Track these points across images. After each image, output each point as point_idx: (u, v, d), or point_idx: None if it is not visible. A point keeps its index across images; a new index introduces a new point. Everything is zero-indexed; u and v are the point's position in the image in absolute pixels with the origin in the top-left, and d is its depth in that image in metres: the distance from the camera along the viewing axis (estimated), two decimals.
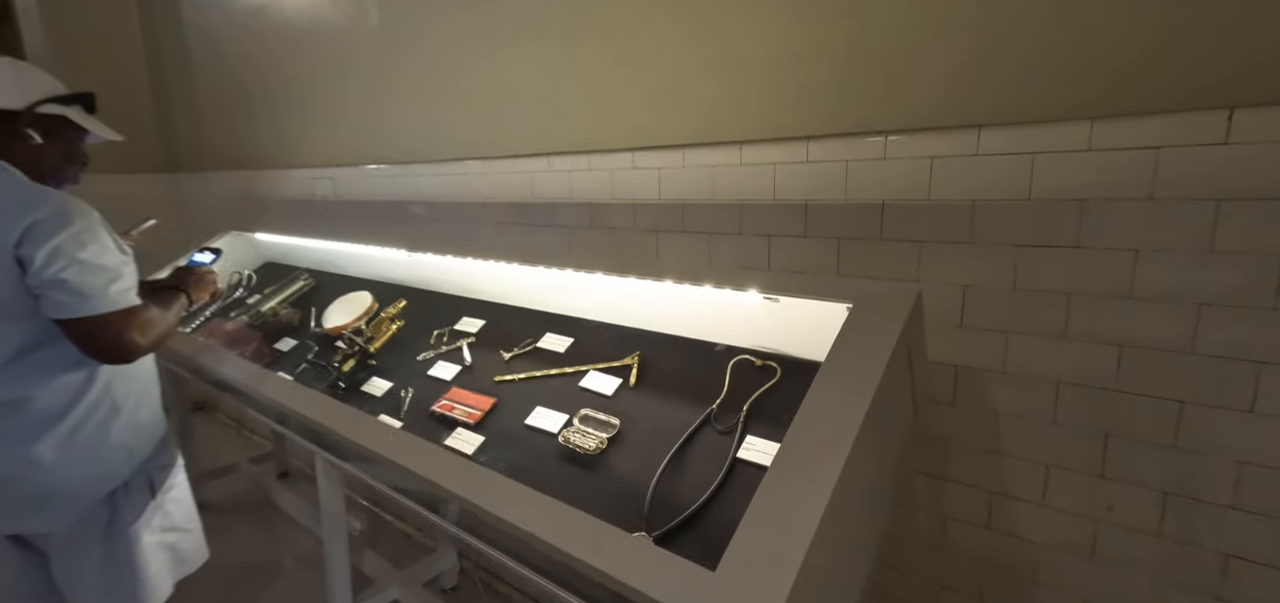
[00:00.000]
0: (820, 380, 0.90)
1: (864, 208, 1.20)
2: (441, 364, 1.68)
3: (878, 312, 0.98)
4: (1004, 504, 1.18)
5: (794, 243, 1.28)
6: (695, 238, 1.45)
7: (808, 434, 0.84)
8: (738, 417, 1.16)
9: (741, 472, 1.07)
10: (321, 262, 2.58)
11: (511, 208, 1.85)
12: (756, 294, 1.18)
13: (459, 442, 1.38)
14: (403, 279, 2.21)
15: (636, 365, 1.39)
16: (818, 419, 0.86)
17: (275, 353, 2.10)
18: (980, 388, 1.16)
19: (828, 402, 0.87)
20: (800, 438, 0.85)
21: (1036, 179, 1.06)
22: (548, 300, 1.75)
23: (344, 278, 2.44)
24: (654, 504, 1.06)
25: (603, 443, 1.22)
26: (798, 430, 0.86)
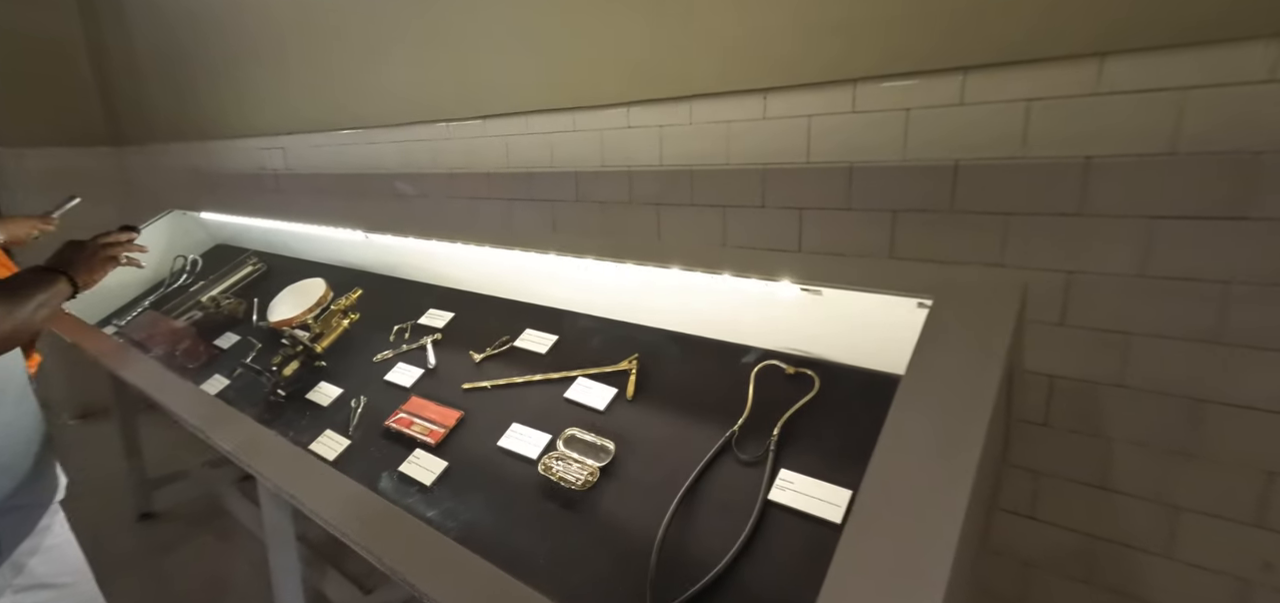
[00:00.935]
0: (905, 401, 0.64)
1: (929, 170, 0.92)
2: (401, 367, 1.41)
3: (970, 309, 0.71)
4: (1113, 555, 0.93)
5: (834, 218, 1.01)
6: (706, 213, 1.17)
7: (901, 478, 0.58)
8: (767, 442, 0.90)
9: (776, 519, 0.81)
10: (275, 244, 2.28)
11: (484, 179, 1.56)
12: (790, 285, 0.92)
13: (417, 467, 1.11)
14: (362, 264, 1.91)
15: (635, 372, 1.12)
16: (912, 457, 0.59)
17: (214, 351, 1.81)
18: (1086, 405, 0.90)
19: (924, 432, 0.60)
20: (890, 483, 0.58)
21: (1186, 122, 0.77)
22: (527, 289, 1.47)
23: (298, 262, 2.15)
24: (661, 565, 0.80)
25: (593, 475, 0.96)
26: (884, 472, 0.59)
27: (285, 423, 1.37)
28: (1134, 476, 0.89)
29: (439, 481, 1.07)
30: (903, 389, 0.65)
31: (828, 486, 0.81)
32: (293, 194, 2.26)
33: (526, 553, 0.88)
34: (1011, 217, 0.88)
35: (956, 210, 0.89)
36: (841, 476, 0.81)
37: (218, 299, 2.01)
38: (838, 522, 0.76)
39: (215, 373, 1.68)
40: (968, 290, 0.73)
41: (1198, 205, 0.80)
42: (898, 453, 0.60)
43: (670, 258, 1.10)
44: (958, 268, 0.78)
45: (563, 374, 1.19)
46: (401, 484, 1.09)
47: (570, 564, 0.84)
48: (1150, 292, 0.84)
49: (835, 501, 0.79)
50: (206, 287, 2.12)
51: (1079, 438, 0.92)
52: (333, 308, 1.60)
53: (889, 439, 0.63)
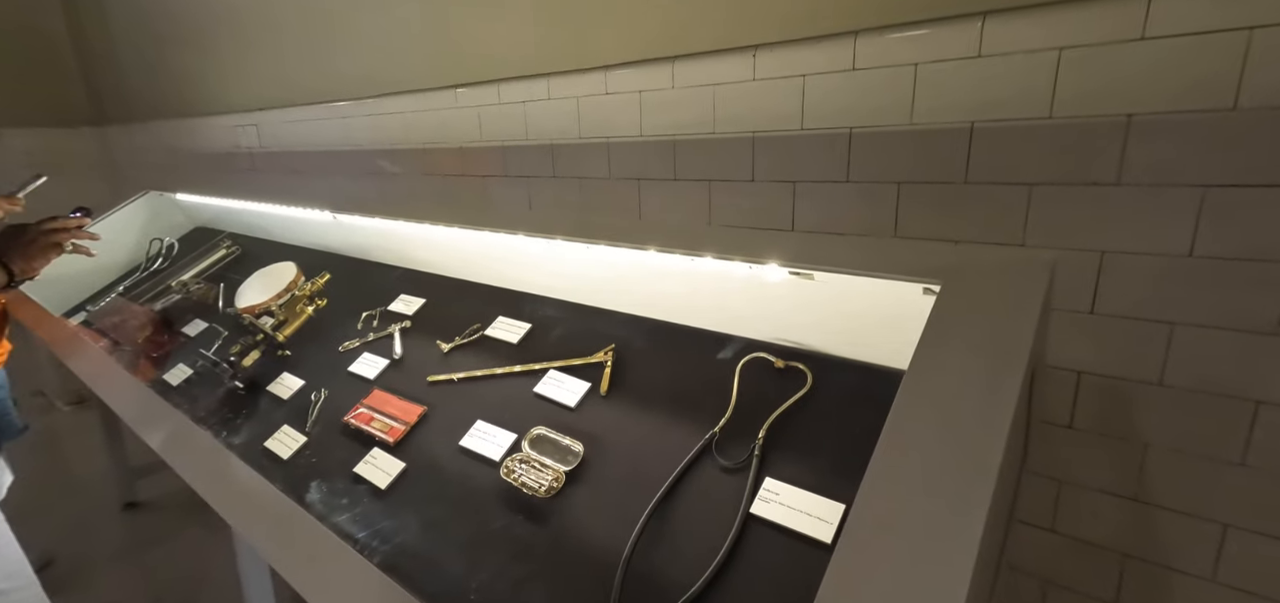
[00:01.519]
0: (908, 402, 0.53)
1: (940, 135, 0.80)
2: (367, 357, 1.31)
3: (987, 294, 0.60)
4: (1145, 575, 0.82)
5: (831, 192, 0.89)
6: (690, 188, 1.06)
7: (904, 493, 0.48)
8: (752, 445, 0.79)
9: (758, 536, 0.70)
10: (253, 226, 2.18)
11: (457, 155, 1.45)
12: (778, 267, 0.80)
13: (373, 468, 1.02)
14: (336, 246, 1.82)
15: (610, 365, 1.02)
16: (917, 468, 0.49)
17: (179, 339, 1.72)
18: (1118, 406, 0.78)
19: (932, 439, 0.50)
20: (891, 498, 0.48)
21: (1252, 70, 0.63)
22: (502, 273, 1.36)
23: (273, 245, 2.05)
24: (627, 586, 0.70)
25: (558, 480, 0.86)
26: (882, 485, 0.49)
27: (243, 418, 1.28)
28: (1173, 487, 0.78)
29: (395, 484, 0.98)
30: (906, 387, 0.55)
31: (818, 498, 0.71)
32: (267, 173, 2.15)
33: (471, 575, 0.78)
34: (1036, 188, 0.76)
35: (972, 182, 0.77)
36: (834, 487, 0.71)
37: (187, 284, 1.92)
38: (828, 541, 0.66)
39: (180, 362, 1.59)
40: (984, 273, 0.62)
41: (1263, 171, 0.67)
42: (899, 463, 0.49)
43: (649, 239, 0.99)
44: (972, 248, 0.67)
45: (533, 366, 1.09)
46: (354, 486, 1.00)
47: (520, 587, 0.74)
48: (1200, 275, 0.72)
49: (826, 516, 0.68)
50: (177, 271, 2.03)
51: (1109, 442, 0.81)
52: (297, 294, 1.50)
53: (889, 446, 0.52)
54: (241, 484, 0.94)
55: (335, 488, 1.00)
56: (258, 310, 1.51)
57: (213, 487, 0.92)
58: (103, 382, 1.39)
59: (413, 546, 0.84)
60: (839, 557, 0.46)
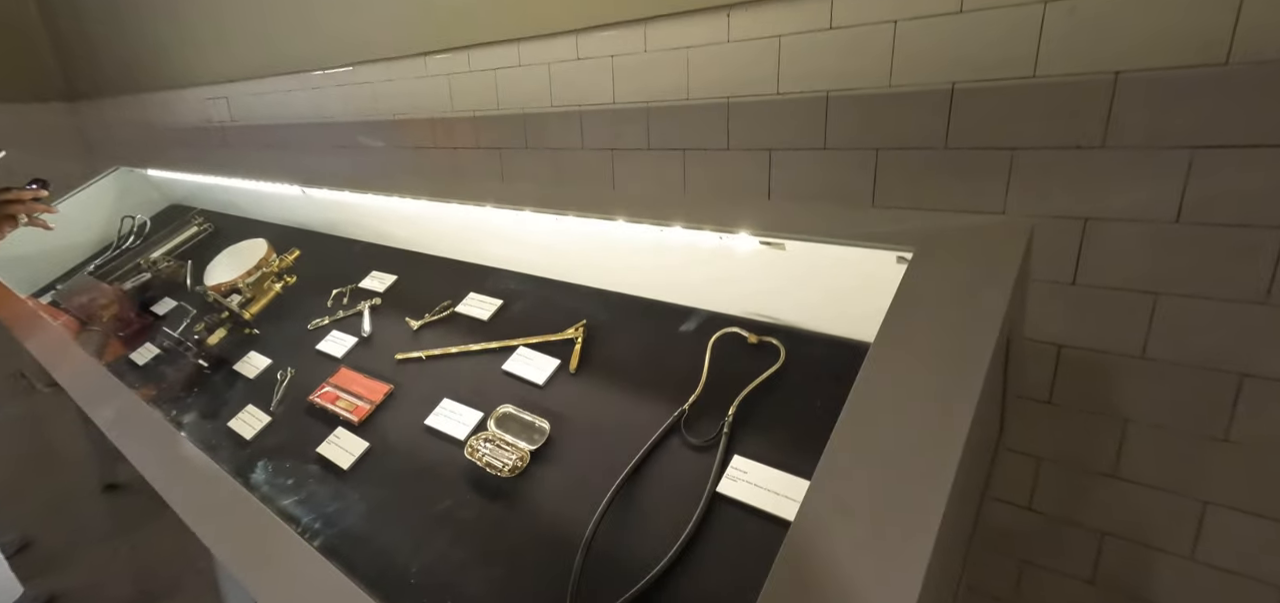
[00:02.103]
0: (873, 374, 0.50)
1: (920, 97, 0.76)
2: (335, 335, 1.27)
3: (959, 261, 0.56)
4: (1123, 553, 0.80)
5: (808, 159, 0.85)
6: (664, 157, 1.02)
7: (865, 467, 0.45)
8: (721, 423, 0.76)
9: (724, 515, 0.68)
10: (225, 202, 2.12)
11: (427, 126, 1.40)
12: (749, 237, 0.77)
13: (336, 448, 0.99)
14: (308, 222, 1.76)
15: (581, 341, 0.99)
16: (880, 442, 0.46)
17: (148, 319, 1.68)
18: (1099, 380, 0.76)
19: (897, 412, 0.47)
20: (850, 473, 0.45)
21: (1247, 23, 0.59)
22: (474, 248, 1.32)
23: (245, 221, 2.00)
24: (588, 569, 0.68)
25: (523, 459, 0.83)
26: (839, 459, 0.46)
27: (207, 397, 1.25)
28: (1153, 463, 0.75)
29: (357, 464, 0.95)
30: (871, 360, 0.51)
31: (785, 476, 0.68)
32: (238, 147, 2.09)
33: (416, 557, 0.75)
34: (1018, 152, 0.72)
35: (952, 147, 0.73)
36: (801, 464, 0.68)
37: (157, 263, 1.87)
38: (790, 519, 0.63)
39: (148, 342, 1.55)
40: (958, 240, 0.59)
41: (1255, 130, 0.64)
42: (860, 438, 0.46)
43: (619, 209, 0.94)
44: (949, 216, 0.64)
45: (502, 343, 1.05)
46: (314, 467, 0.96)
47: (476, 567, 0.72)
48: (1186, 242, 0.69)
49: (790, 494, 0.65)
50: (148, 249, 1.98)
51: (1089, 418, 0.79)
52: (265, 271, 1.45)
53: (850, 421, 0.49)
54: (187, 465, 0.90)
55: (293, 470, 0.97)
56: (225, 288, 1.46)
57: (156, 467, 0.89)
58: (59, 362, 1.35)
59: (360, 530, 0.81)
60: (794, 536, 0.43)
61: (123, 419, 1.07)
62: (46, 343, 1.45)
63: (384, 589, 0.68)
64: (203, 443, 1.07)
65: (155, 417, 1.09)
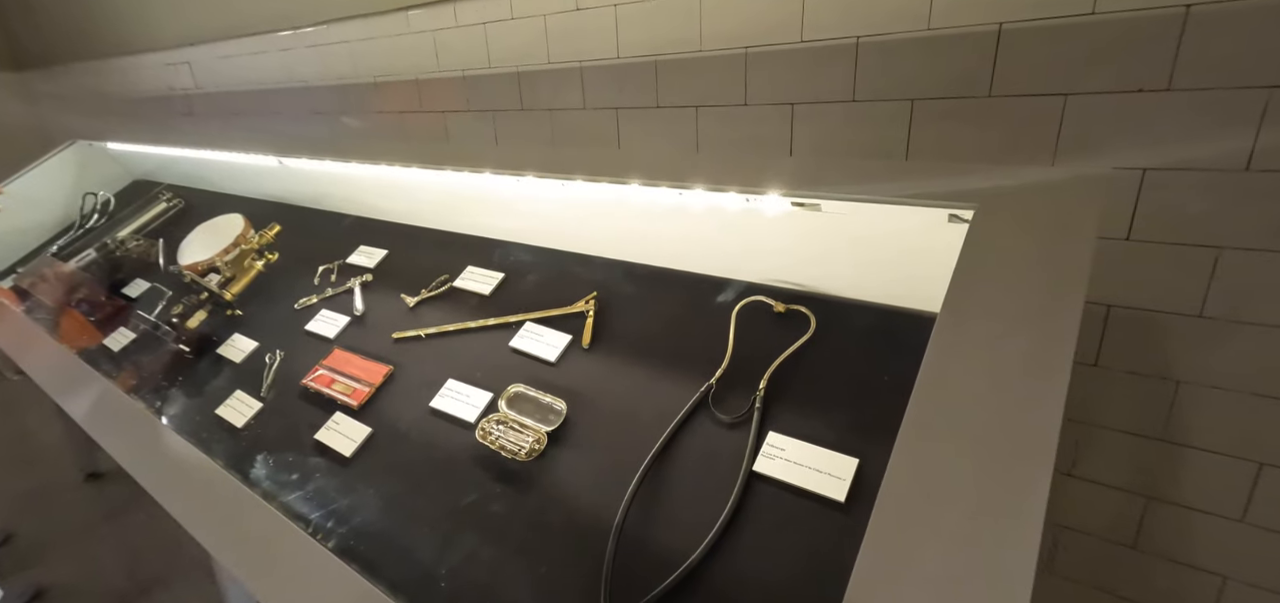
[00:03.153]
0: (944, 345, 0.45)
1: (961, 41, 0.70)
2: (325, 314, 1.20)
3: (1030, 220, 0.52)
4: (1171, 518, 0.78)
5: (836, 114, 0.79)
6: (674, 116, 0.95)
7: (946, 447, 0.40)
8: (752, 398, 0.72)
9: (763, 495, 0.64)
10: (195, 176, 2.00)
11: (412, 88, 1.31)
12: (773, 199, 0.71)
13: (335, 434, 0.93)
14: (286, 195, 1.67)
15: (592, 314, 0.93)
16: (959, 419, 0.41)
17: (119, 302, 1.58)
18: (1151, 342, 0.73)
19: (972, 387, 0.42)
20: (931, 455, 0.40)
21: None
22: (470, 218, 1.25)
23: (218, 196, 1.88)
24: (621, 558, 0.64)
25: (540, 442, 0.78)
26: (920, 438, 0.41)
27: (191, 384, 1.18)
28: (1206, 426, 0.73)
29: (360, 451, 0.89)
30: (942, 329, 0.47)
31: (827, 453, 0.64)
32: (206, 117, 1.96)
33: (443, 557, 0.71)
34: (1072, 99, 0.67)
35: (997, 95, 0.68)
36: (845, 440, 0.64)
37: (125, 241, 1.76)
38: (841, 500, 0.60)
39: (121, 326, 1.46)
40: (1025, 196, 0.54)
41: None
42: (943, 413, 0.42)
43: (632, 171, 0.88)
44: (1007, 170, 0.59)
45: (508, 319, 1.00)
46: (315, 456, 0.91)
47: (502, 559, 0.68)
48: (1256, 191, 0.65)
49: (838, 472, 0.62)
50: (114, 228, 1.86)
51: (1139, 382, 0.76)
52: (244, 248, 1.36)
53: (926, 398, 0.44)
54: (178, 460, 0.84)
55: (292, 460, 0.91)
56: (202, 268, 1.37)
57: (146, 466, 0.83)
58: (25, 351, 1.26)
59: (375, 525, 0.76)
60: (877, 527, 0.39)
61: (103, 413, 1.00)
62: (11, 331, 1.36)
63: (409, 593, 0.64)
64: (191, 434, 1.01)
65: (138, 408, 1.02)
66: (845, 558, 0.56)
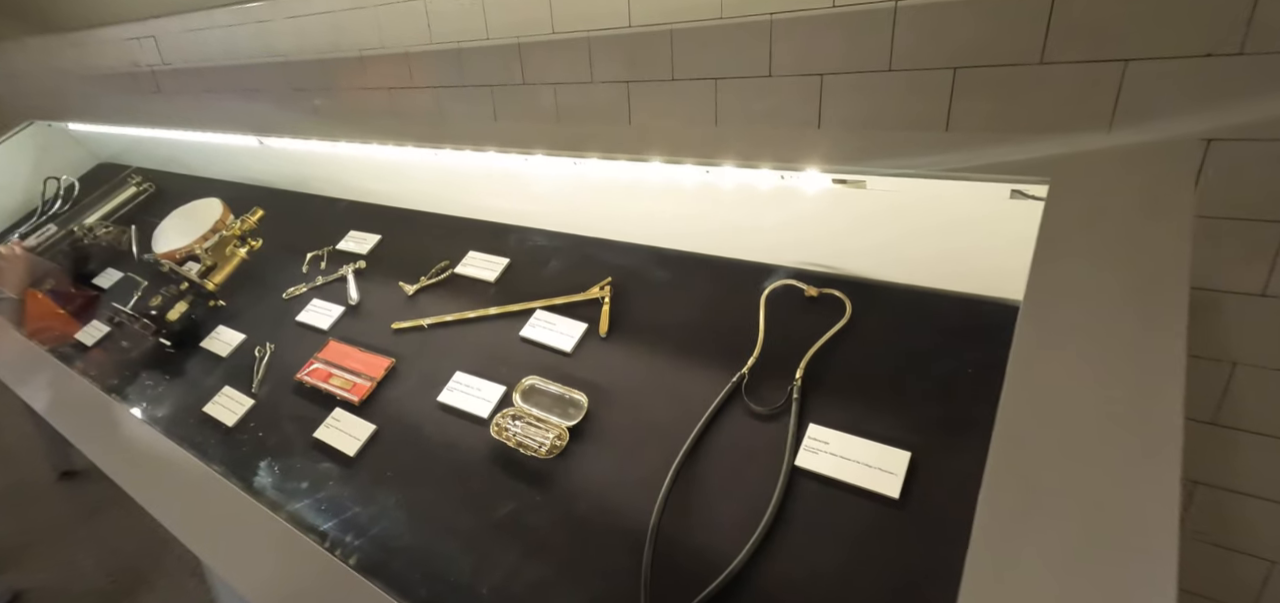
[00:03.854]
0: (1034, 335, 0.42)
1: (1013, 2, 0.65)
2: (317, 304, 1.14)
3: (1116, 194, 0.48)
4: (1218, 502, 0.76)
5: (870, 85, 0.75)
6: (692, 89, 0.90)
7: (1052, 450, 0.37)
8: (789, 387, 0.69)
9: (808, 492, 0.61)
10: (163, 158, 1.89)
11: (402, 62, 1.23)
12: (818, 175, 0.67)
13: (336, 432, 0.88)
14: (267, 178, 1.58)
15: (609, 301, 0.89)
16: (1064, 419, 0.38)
17: (89, 293, 1.49)
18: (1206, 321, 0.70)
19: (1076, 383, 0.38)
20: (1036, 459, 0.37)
21: None
22: (469, 202, 1.19)
23: (191, 179, 1.78)
24: (659, 561, 0.60)
25: (561, 437, 0.74)
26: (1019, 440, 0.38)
27: (174, 380, 1.11)
28: (1263, 409, 0.71)
29: (364, 449, 0.84)
30: (1028, 317, 0.43)
31: (875, 445, 0.61)
32: (175, 95, 1.84)
33: (467, 553, 0.67)
34: (1133, 64, 0.63)
35: (1050, 61, 0.64)
36: (891, 433, 0.61)
37: (93, 228, 1.65)
38: (896, 496, 0.57)
39: (93, 319, 1.37)
40: (1099, 168, 0.50)
41: None
42: (1044, 413, 0.38)
43: (646, 148, 0.83)
44: (1061, 138, 0.55)
45: (517, 307, 0.95)
46: (316, 457, 0.86)
47: (530, 563, 0.63)
48: None
49: (889, 467, 0.59)
50: (80, 215, 1.75)
51: (1192, 364, 0.74)
52: (225, 234, 1.28)
53: (1021, 396, 0.41)
54: (170, 467, 0.78)
55: (294, 464, 0.85)
56: (180, 255, 1.29)
57: (129, 470, 0.77)
58: None
59: (397, 535, 0.71)
60: (982, 540, 0.35)
61: (80, 413, 0.93)
62: None
63: None
64: (180, 434, 0.95)
65: (120, 410, 0.95)
66: (906, 558, 0.53)
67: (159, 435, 0.88)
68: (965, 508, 0.54)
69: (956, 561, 0.52)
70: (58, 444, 2.35)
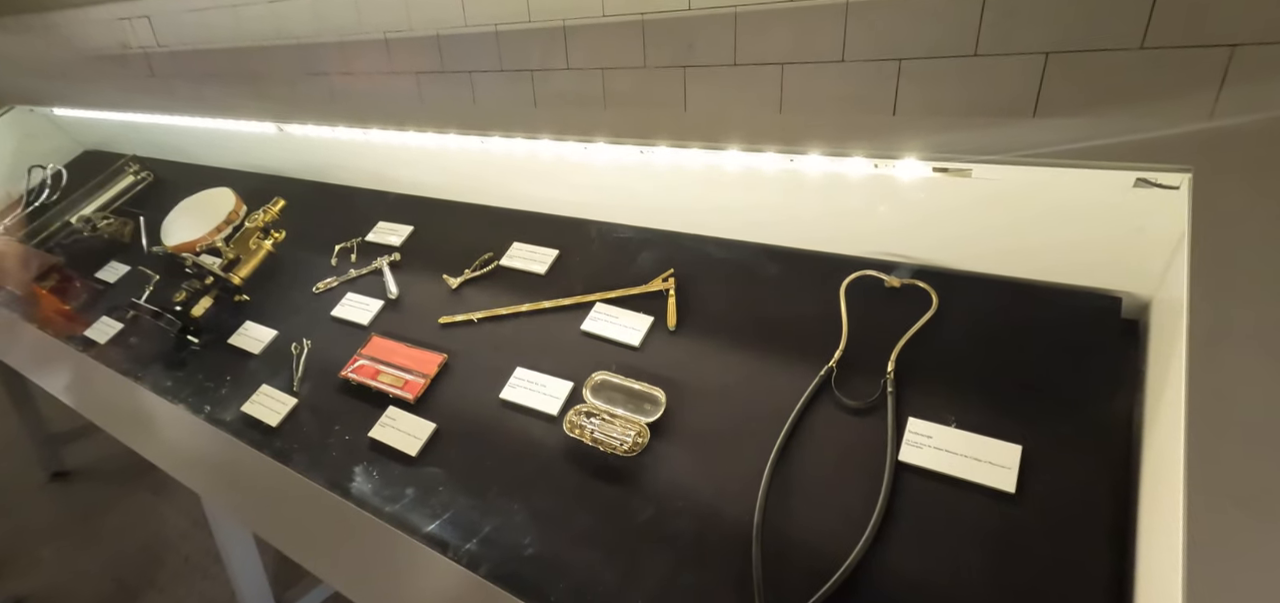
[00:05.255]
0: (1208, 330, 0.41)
1: None
2: (352, 298, 1.10)
3: (1271, 181, 0.47)
4: None
5: (950, 70, 0.73)
6: (754, 74, 0.88)
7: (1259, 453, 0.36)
8: (882, 380, 0.68)
9: (914, 487, 0.60)
10: (159, 145, 1.80)
11: (432, 45, 1.18)
12: (916, 162, 0.66)
13: (394, 432, 0.85)
14: (278, 167, 1.51)
15: (674, 293, 0.87)
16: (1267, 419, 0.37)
17: (94, 287, 1.42)
18: None
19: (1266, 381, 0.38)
20: (1241, 462, 0.36)
21: None
22: (507, 190, 1.15)
23: (194, 169, 1.71)
24: (767, 563, 0.59)
25: (642, 435, 0.72)
26: (1217, 440, 0.37)
27: (206, 379, 1.06)
28: None
29: (426, 449, 0.82)
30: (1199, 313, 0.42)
31: (981, 439, 0.60)
32: (170, 78, 1.76)
33: (574, 557, 0.65)
34: (1241, 49, 0.63)
35: (1151, 46, 0.63)
36: (995, 426, 0.61)
37: (93, 219, 1.57)
38: (1011, 491, 0.56)
39: (103, 315, 1.31)
40: (1247, 153, 0.49)
41: None
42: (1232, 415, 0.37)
43: (704, 135, 0.81)
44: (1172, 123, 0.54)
45: (574, 300, 0.92)
46: (375, 456, 0.83)
47: (626, 564, 0.62)
48: None
49: (1001, 460, 0.58)
50: (75, 205, 1.66)
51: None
52: (248, 225, 1.23)
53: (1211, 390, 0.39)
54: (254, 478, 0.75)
55: (382, 472, 0.81)
56: (198, 247, 1.23)
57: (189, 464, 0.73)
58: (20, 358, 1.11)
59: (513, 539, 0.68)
60: (1199, 549, 0.34)
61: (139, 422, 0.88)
62: None
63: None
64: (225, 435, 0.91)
65: (179, 413, 0.91)
66: (1030, 554, 0.53)
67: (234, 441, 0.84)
68: (1088, 504, 0.54)
69: (1086, 556, 0.52)
70: (48, 443, 2.25)
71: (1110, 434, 0.57)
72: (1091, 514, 0.53)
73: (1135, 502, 0.54)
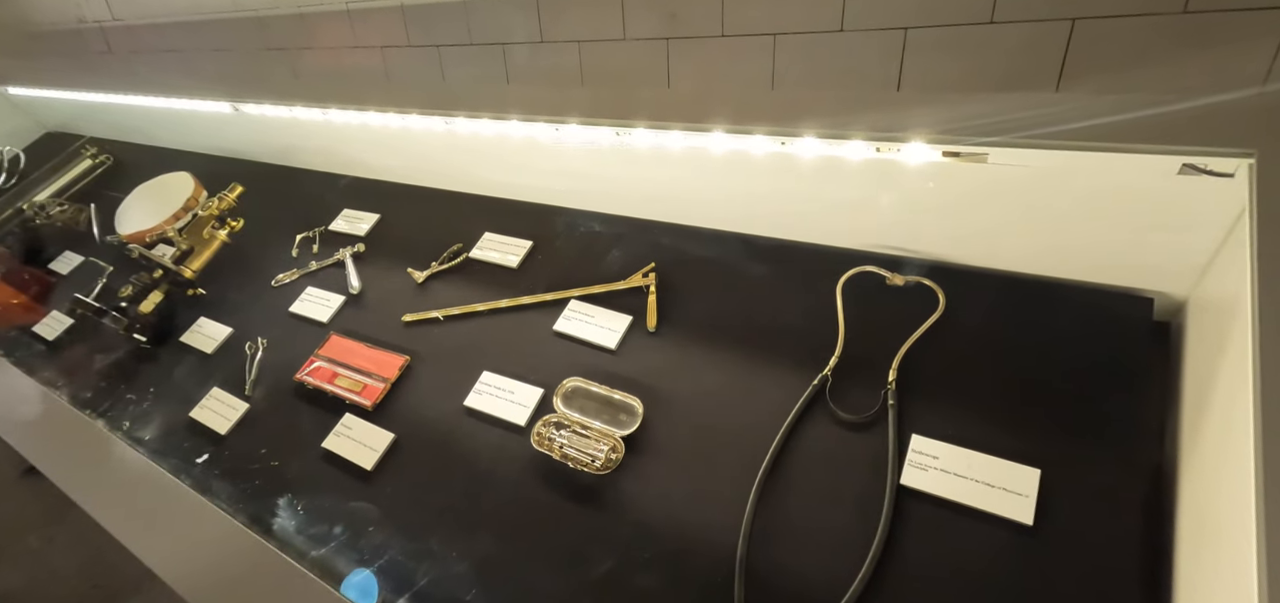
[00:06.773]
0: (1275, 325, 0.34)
1: None
2: (312, 292, 1.02)
3: None
4: None
5: (962, 40, 0.65)
6: (745, 46, 0.79)
7: None
8: (882, 391, 0.61)
9: (917, 515, 0.53)
10: (121, 127, 1.71)
11: (396, 15, 1.09)
12: (923, 146, 0.58)
13: (348, 442, 0.78)
14: (242, 150, 1.43)
15: (655, 290, 0.79)
16: None
17: (46, 279, 1.34)
18: None
19: None
20: None
21: None
22: (480, 177, 1.07)
23: (154, 151, 1.62)
24: (752, 590, 0.53)
25: (616, 449, 0.65)
26: None
27: (153, 381, 0.98)
28: None
29: (384, 463, 0.74)
30: (1270, 316, 0.35)
31: (994, 460, 0.54)
32: (125, 55, 1.66)
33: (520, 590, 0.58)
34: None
35: (1195, 10, 0.55)
36: (1009, 445, 0.54)
37: (45, 206, 1.48)
38: (1027, 522, 0.49)
39: (54, 309, 1.23)
40: None
41: None
42: None
43: (685, 115, 0.72)
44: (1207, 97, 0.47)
45: (549, 297, 0.84)
46: (328, 467, 0.75)
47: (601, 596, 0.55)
48: None
49: (1016, 487, 0.51)
50: (29, 190, 1.57)
51: None
52: (202, 214, 1.14)
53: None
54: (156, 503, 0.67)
55: (326, 508, 0.75)
56: (150, 237, 1.15)
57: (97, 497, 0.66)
58: None
59: (422, 566, 0.62)
60: None
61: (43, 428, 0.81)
62: None
63: None
64: (166, 445, 0.84)
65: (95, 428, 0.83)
66: (1050, 595, 0.46)
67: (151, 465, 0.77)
68: (1117, 537, 0.47)
69: (1116, 597, 0.45)
70: None
71: (1142, 456, 0.50)
72: (1120, 549, 0.46)
73: (1171, 535, 0.47)
